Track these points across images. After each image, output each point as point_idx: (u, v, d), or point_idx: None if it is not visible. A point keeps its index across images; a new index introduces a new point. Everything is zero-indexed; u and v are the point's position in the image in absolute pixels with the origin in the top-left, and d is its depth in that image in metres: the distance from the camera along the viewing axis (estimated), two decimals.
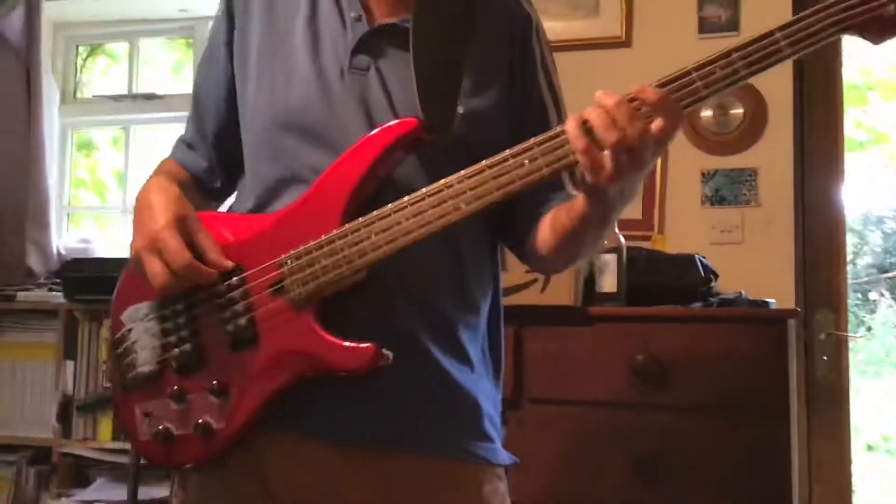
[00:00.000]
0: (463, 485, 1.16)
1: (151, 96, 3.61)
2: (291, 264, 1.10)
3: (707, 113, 2.75)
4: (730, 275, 2.38)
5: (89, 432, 2.92)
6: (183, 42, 3.79)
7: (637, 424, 2.12)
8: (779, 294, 2.42)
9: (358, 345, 1.06)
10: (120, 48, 3.83)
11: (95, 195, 3.92)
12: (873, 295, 7.10)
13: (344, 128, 1.16)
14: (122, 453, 2.82)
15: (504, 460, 1.21)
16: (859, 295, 6.97)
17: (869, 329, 6.84)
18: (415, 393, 1.14)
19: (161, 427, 1.15)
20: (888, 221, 7.21)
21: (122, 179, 3.75)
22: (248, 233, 1.16)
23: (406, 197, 1.07)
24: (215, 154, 1.35)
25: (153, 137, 3.89)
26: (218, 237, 1.16)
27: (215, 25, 1.33)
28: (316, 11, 1.23)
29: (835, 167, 2.78)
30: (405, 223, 1.06)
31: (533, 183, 1.04)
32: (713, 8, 2.77)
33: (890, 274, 7.05)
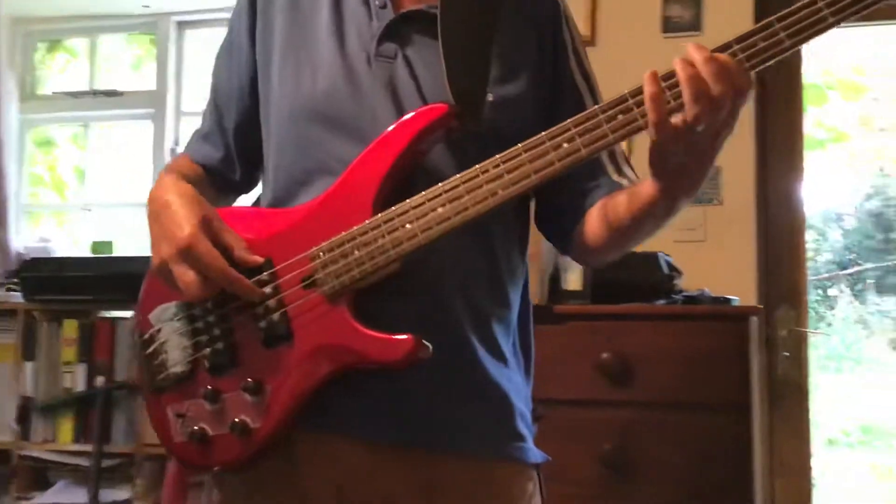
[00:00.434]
0: (493, 484, 1.14)
1: (112, 93, 3.56)
2: (324, 256, 1.08)
3: None
4: (693, 272, 2.40)
5: (49, 434, 2.89)
6: (145, 38, 3.74)
7: (602, 421, 2.13)
8: (741, 291, 2.44)
9: (396, 336, 1.03)
10: (80, 44, 3.77)
11: (55, 193, 3.86)
12: (833, 291, 7.20)
13: (372, 116, 1.13)
14: (83, 455, 2.79)
15: (536, 458, 1.19)
16: (820, 291, 7.07)
17: (829, 325, 6.95)
18: (451, 389, 1.12)
19: (196, 428, 1.12)
20: (847, 218, 7.32)
21: (82, 177, 3.70)
22: (278, 227, 1.13)
23: (440, 184, 1.04)
24: (235, 146, 1.32)
25: (114, 135, 3.84)
26: (245, 233, 1.13)
27: (236, 15, 1.31)
28: (340, 0, 1.21)
29: (795, 165, 2.82)
30: (441, 210, 1.03)
31: (571, 165, 1.01)
32: (676, 7, 2.79)
33: (850, 270, 7.16)
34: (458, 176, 1.04)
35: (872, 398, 6.43)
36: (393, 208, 1.06)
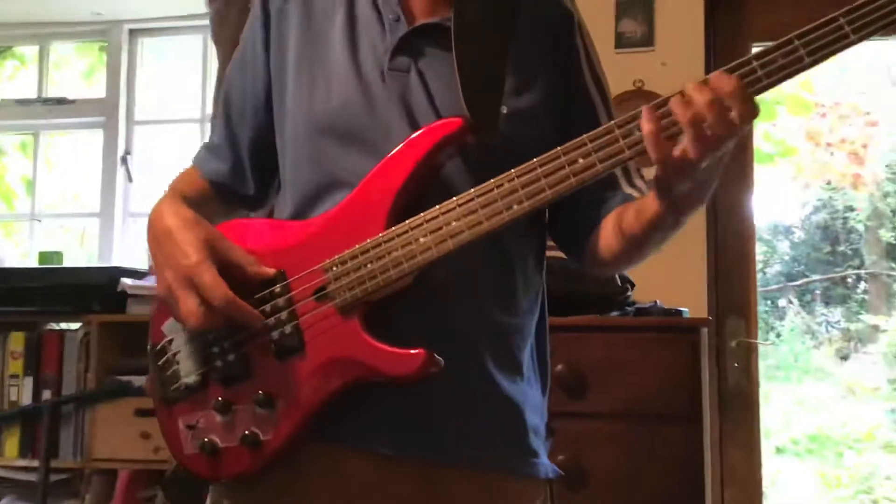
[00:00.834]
0: (501, 499, 1.13)
1: (62, 101, 3.50)
2: (336, 269, 1.07)
3: None
4: (645, 284, 2.43)
5: None
6: (96, 46, 3.69)
7: (556, 432, 2.14)
8: (692, 302, 2.48)
9: (408, 351, 1.02)
10: (30, 51, 3.71)
11: (2, 202, 3.78)
12: (782, 302, 7.35)
13: (386, 130, 1.13)
14: (30, 471, 2.73)
15: (546, 474, 1.18)
16: (769, 302, 7.21)
17: (778, 335, 7.07)
18: (462, 403, 1.11)
19: (206, 440, 1.11)
20: (796, 231, 7.47)
21: (31, 186, 3.63)
22: (292, 239, 1.12)
23: (454, 198, 1.04)
24: (249, 160, 1.30)
25: (64, 143, 3.78)
26: (259, 245, 1.13)
27: (250, 28, 1.29)
28: (354, 13, 1.20)
29: (745, 179, 2.87)
30: (454, 224, 1.03)
31: (587, 180, 1.00)
32: (629, 23, 2.83)
33: (798, 282, 7.30)
34: (473, 190, 1.03)
35: (820, 407, 6.56)
36: (407, 221, 1.05)
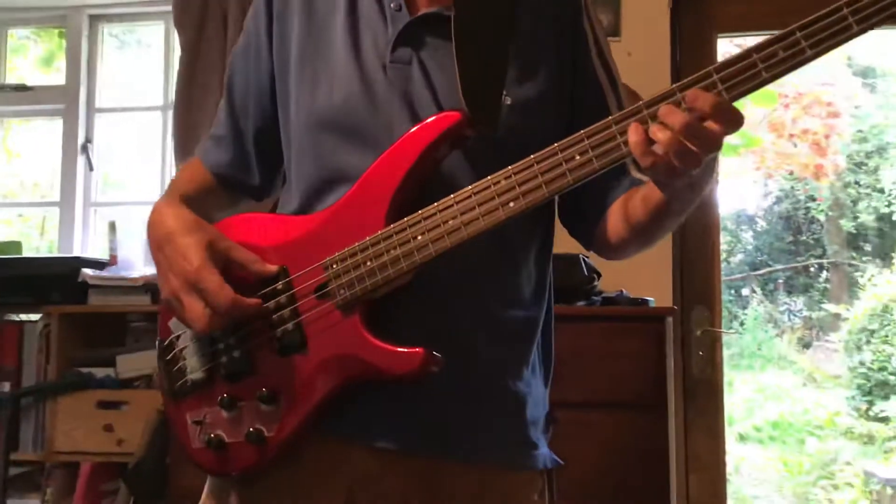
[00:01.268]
0: (499, 491, 1.13)
1: (21, 88, 3.44)
2: (336, 267, 1.07)
3: None
4: (611, 274, 2.44)
5: None
6: (55, 32, 3.62)
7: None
8: (657, 292, 2.49)
9: (407, 349, 1.03)
10: None
11: None
12: (745, 291, 7.44)
13: (388, 125, 1.12)
14: None
15: (545, 464, 1.18)
16: (732, 291, 7.30)
17: (742, 324, 7.17)
18: (464, 399, 1.11)
19: (212, 435, 1.12)
20: (759, 221, 7.57)
21: None
22: (294, 235, 1.12)
23: (451, 195, 1.03)
24: (255, 150, 1.30)
25: (23, 131, 3.71)
26: (259, 240, 1.13)
27: (253, 18, 1.28)
28: (355, 4, 1.19)
29: None
30: (451, 222, 1.03)
31: (584, 177, 0.99)
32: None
33: (761, 271, 7.40)
34: (470, 187, 1.03)
35: (782, 395, 6.65)
36: (405, 219, 1.05)
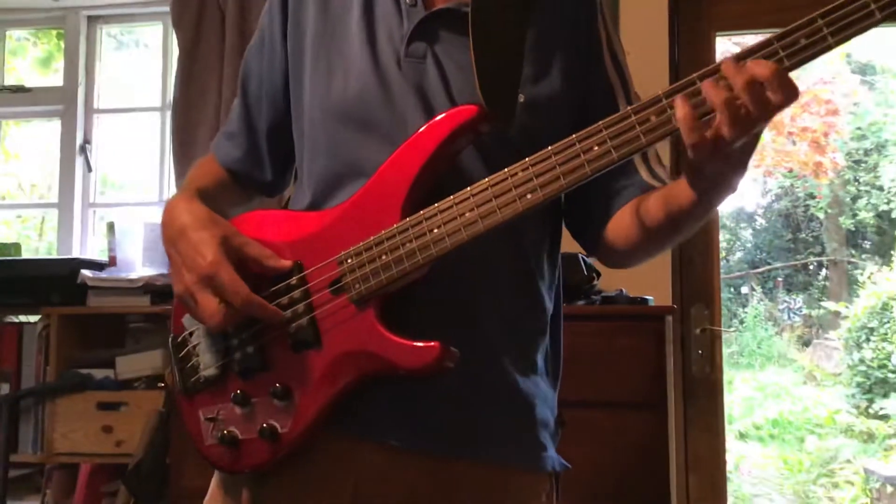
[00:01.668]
0: (507, 491, 1.13)
1: (19, 89, 3.43)
2: (351, 261, 1.06)
3: None
4: (610, 273, 2.43)
5: None
6: (53, 33, 3.62)
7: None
8: (657, 291, 2.49)
9: (423, 343, 1.01)
10: None
11: None
12: (745, 289, 7.45)
13: (402, 118, 1.12)
14: None
15: (553, 466, 1.18)
16: (732, 289, 7.31)
17: (741, 322, 7.17)
18: (476, 398, 1.10)
19: (226, 431, 1.11)
20: (758, 219, 7.57)
21: None
22: (308, 230, 1.12)
23: (468, 188, 1.02)
24: (268, 147, 1.30)
25: (21, 132, 3.71)
26: (273, 236, 1.12)
27: (267, 14, 1.28)
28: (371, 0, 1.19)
29: None
30: (468, 215, 1.01)
31: (602, 168, 0.98)
32: None
33: (760, 269, 7.40)
34: (487, 180, 1.02)
35: (782, 393, 6.65)
36: (421, 212, 1.04)
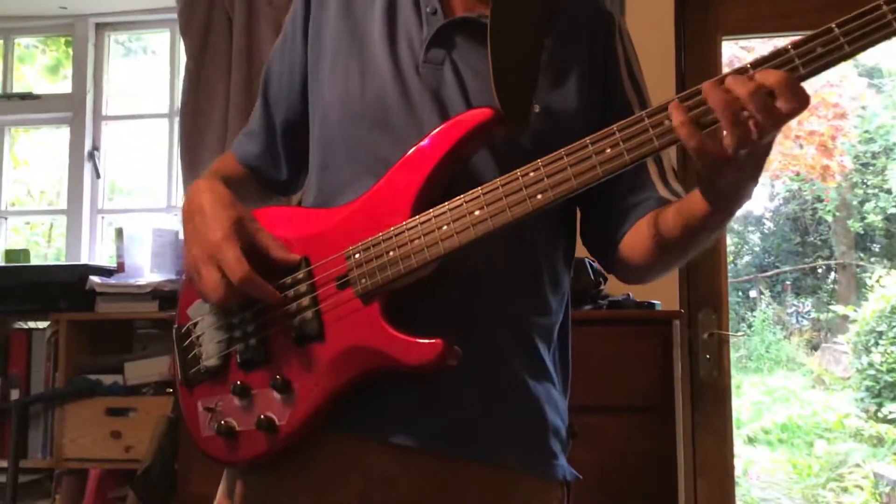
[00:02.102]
0: (516, 497, 1.12)
1: (28, 96, 3.45)
2: (358, 256, 1.06)
3: None
4: None
5: None
6: (62, 40, 3.64)
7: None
8: (664, 295, 2.49)
9: (426, 340, 1.01)
10: None
11: None
12: (753, 293, 7.43)
13: (418, 122, 1.13)
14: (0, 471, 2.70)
15: (564, 476, 1.17)
16: (740, 293, 7.29)
17: (749, 326, 7.15)
18: (485, 399, 1.10)
19: (223, 422, 1.11)
20: (766, 222, 7.55)
21: None
22: (318, 226, 1.12)
23: (479, 187, 1.03)
24: (283, 145, 1.33)
25: (30, 139, 3.73)
26: (285, 232, 1.13)
27: (291, 16, 1.31)
28: (394, 5, 1.21)
29: None
30: (478, 213, 1.01)
31: (614, 171, 0.97)
32: None
33: (768, 273, 7.38)
34: (498, 179, 1.02)
35: (790, 397, 6.63)
36: (430, 210, 1.04)
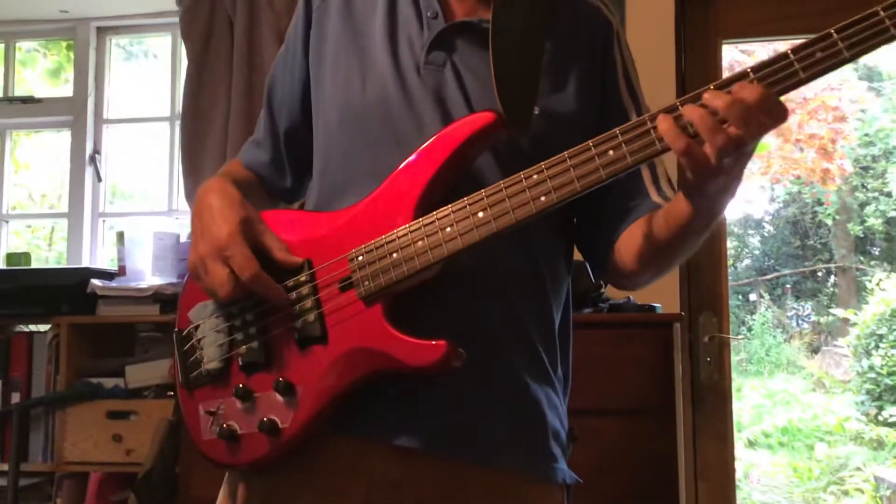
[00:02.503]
0: (518, 500, 1.13)
1: (29, 100, 3.46)
2: (362, 258, 1.07)
3: None
4: None
5: None
6: (63, 44, 3.64)
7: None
8: (664, 298, 2.49)
9: (430, 342, 1.02)
10: None
11: None
12: (753, 296, 7.43)
13: (419, 124, 1.14)
14: (0, 475, 2.69)
15: (564, 479, 1.17)
16: (740, 296, 7.29)
17: (749, 329, 7.15)
18: (487, 401, 1.10)
19: (225, 425, 1.11)
20: (766, 226, 7.55)
21: None
22: (321, 229, 1.13)
23: (482, 189, 1.03)
24: (286, 152, 1.34)
25: (31, 143, 3.73)
26: (287, 234, 1.13)
27: (293, 23, 1.32)
28: (394, 10, 1.22)
29: None
30: (481, 215, 1.02)
31: (617, 173, 0.98)
32: None
33: (768, 276, 7.38)
34: (501, 182, 1.03)
35: (791, 401, 6.63)
36: (434, 212, 1.05)
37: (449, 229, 1.03)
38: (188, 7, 3.08)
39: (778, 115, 0.93)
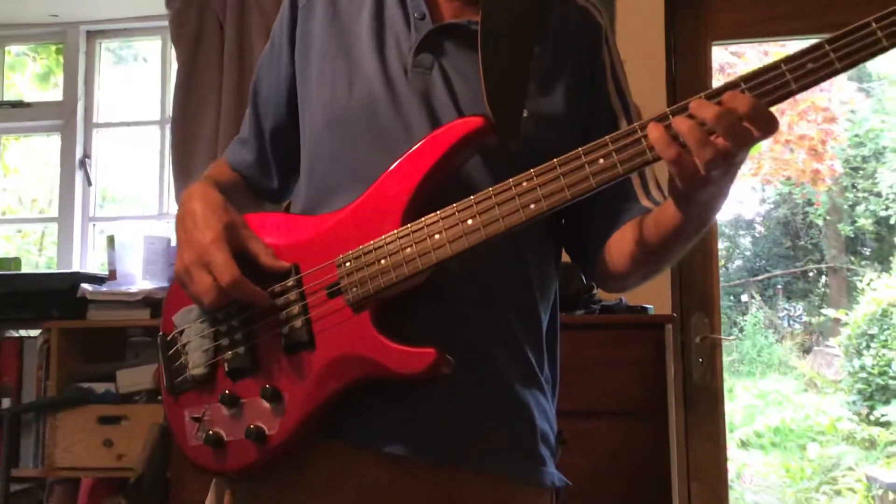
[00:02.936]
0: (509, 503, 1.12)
1: (18, 104, 3.44)
2: (350, 265, 1.06)
3: None
4: None
5: None
6: (52, 48, 3.63)
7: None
8: (656, 299, 2.49)
9: (418, 349, 1.01)
10: None
11: None
12: (745, 297, 7.44)
13: (408, 127, 1.13)
14: None
15: (553, 482, 1.17)
16: (731, 297, 7.30)
17: (741, 330, 7.17)
18: (476, 407, 1.10)
19: (211, 432, 1.10)
20: (757, 226, 7.57)
21: None
22: (308, 234, 1.12)
23: (471, 196, 1.02)
24: (272, 152, 1.33)
25: (20, 147, 3.72)
26: (275, 239, 1.12)
27: (278, 23, 1.31)
28: (381, 10, 1.21)
29: None
30: (470, 222, 1.01)
31: (607, 182, 0.98)
32: None
33: (760, 277, 7.40)
34: (491, 189, 1.02)
35: (783, 401, 6.65)
36: (422, 219, 1.04)
37: (438, 236, 1.03)
38: (178, 10, 3.08)
39: (768, 127, 0.92)
